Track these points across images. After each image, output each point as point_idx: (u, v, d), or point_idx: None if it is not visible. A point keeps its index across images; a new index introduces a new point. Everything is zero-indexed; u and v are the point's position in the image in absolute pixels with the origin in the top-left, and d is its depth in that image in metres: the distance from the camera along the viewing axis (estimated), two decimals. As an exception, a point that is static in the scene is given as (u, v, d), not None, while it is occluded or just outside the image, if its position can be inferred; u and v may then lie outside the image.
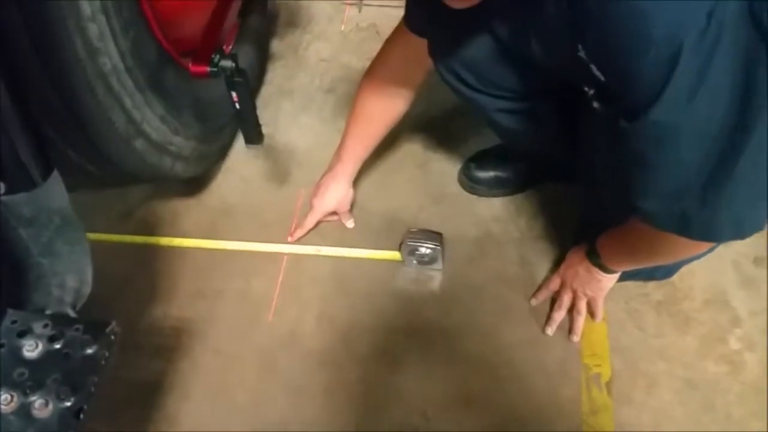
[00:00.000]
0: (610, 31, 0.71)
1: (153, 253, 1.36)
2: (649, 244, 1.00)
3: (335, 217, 1.40)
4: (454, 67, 1.11)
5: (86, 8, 0.93)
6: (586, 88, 0.88)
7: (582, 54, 0.80)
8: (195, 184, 1.46)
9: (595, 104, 0.88)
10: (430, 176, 1.49)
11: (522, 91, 1.13)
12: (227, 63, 1.02)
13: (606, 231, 1.12)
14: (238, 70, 1.03)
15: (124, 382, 1.17)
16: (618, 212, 1.04)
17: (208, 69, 1.03)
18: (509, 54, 1.05)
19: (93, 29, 0.95)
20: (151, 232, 1.39)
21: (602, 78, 0.79)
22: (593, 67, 0.80)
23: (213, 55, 1.03)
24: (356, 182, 1.40)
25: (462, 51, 1.08)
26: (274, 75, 1.70)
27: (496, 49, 1.05)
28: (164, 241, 1.38)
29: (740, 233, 0.83)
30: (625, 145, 0.81)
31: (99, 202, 1.41)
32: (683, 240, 0.88)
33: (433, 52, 1.12)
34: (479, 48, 1.06)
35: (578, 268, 1.19)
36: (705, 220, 0.82)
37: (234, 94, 1.05)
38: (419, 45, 1.15)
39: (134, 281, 1.32)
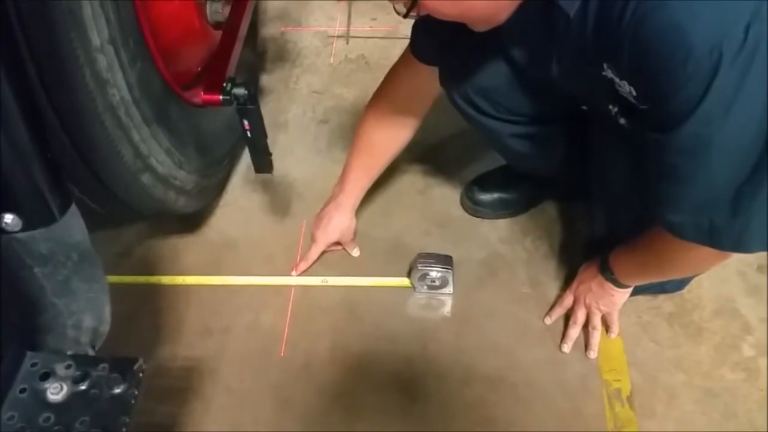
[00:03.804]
0: (648, 47, 0.72)
1: (155, 292, 1.32)
2: (667, 258, 1.00)
3: (339, 247, 1.38)
4: (468, 95, 1.11)
5: (95, 39, 0.91)
6: (609, 107, 0.89)
7: (608, 72, 0.82)
8: (194, 219, 1.43)
9: (622, 121, 0.89)
10: (432, 201, 1.49)
11: (535, 115, 1.14)
12: (240, 90, 1.01)
13: (618, 246, 1.13)
14: (250, 98, 1.02)
15: (134, 429, 1.11)
16: (632, 228, 1.05)
17: (221, 97, 1.01)
18: (525, 79, 1.06)
19: (102, 60, 0.93)
20: (152, 271, 1.35)
21: (634, 93, 0.80)
22: (622, 85, 0.81)
23: (225, 83, 1.01)
24: (358, 210, 1.39)
25: (477, 78, 1.09)
26: (266, 109, 1.69)
27: (512, 74, 1.06)
28: (166, 279, 1.34)
29: None
30: (655, 158, 0.82)
31: (94, 242, 1.35)
32: (704, 253, 0.89)
33: (446, 80, 1.12)
34: (495, 74, 1.07)
35: (591, 283, 1.20)
36: (735, 232, 0.82)
37: (246, 122, 1.04)
38: (426, 74, 1.15)
39: (137, 322, 1.27)
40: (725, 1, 0.67)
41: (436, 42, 1.08)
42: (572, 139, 1.20)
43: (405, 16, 0.82)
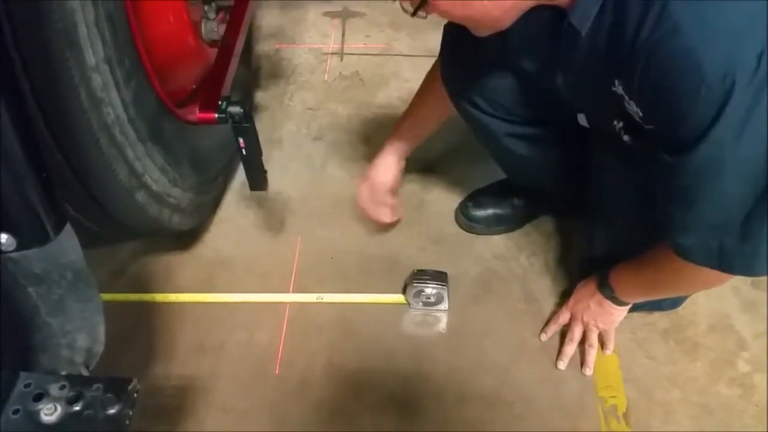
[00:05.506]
0: (661, 70, 0.73)
1: (149, 310, 1.31)
2: (672, 277, 1.00)
3: (390, 201, 1.37)
4: (468, 91, 1.12)
5: (90, 58, 0.91)
6: (614, 122, 0.90)
7: (619, 89, 0.82)
8: (188, 237, 1.43)
9: (626, 137, 0.89)
10: (427, 218, 1.49)
11: (533, 117, 1.14)
12: (236, 109, 1.01)
13: (618, 264, 1.13)
14: (246, 116, 1.02)
15: (128, 448, 1.10)
16: (632, 246, 1.05)
17: (216, 115, 1.01)
18: (528, 84, 1.06)
19: (96, 79, 0.93)
20: (146, 289, 1.34)
21: (640, 114, 0.80)
22: (630, 103, 0.81)
23: (220, 102, 1.02)
24: (352, 227, 1.39)
25: (478, 75, 1.10)
26: (261, 126, 1.69)
27: (515, 78, 1.07)
28: (160, 297, 1.33)
29: None
30: (666, 180, 0.82)
31: (89, 260, 1.34)
32: (710, 274, 0.89)
33: (445, 74, 1.13)
34: (498, 74, 1.08)
35: (589, 301, 1.20)
36: (745, 255, 0.83)
37: (241, 140, 1.04)
38: None
39: (131, 340, 1.26)
40: (741, 29, 0.69)
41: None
42: (569, 155, 1.20)
43: (413, 15, 0.83)
